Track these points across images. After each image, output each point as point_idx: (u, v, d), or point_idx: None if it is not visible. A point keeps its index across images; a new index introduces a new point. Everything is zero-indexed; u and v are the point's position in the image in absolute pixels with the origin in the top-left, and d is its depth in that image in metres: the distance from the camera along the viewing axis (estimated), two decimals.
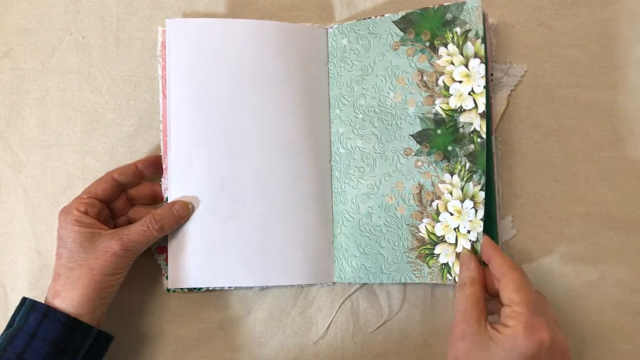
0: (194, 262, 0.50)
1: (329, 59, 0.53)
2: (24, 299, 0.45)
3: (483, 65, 0.47)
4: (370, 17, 0.51)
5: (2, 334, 0.44)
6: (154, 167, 0.51)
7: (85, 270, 0.44)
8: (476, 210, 0.47)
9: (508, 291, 0.42)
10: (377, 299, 0.52)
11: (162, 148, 0.51)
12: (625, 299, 0.51)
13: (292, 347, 0.52)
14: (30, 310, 0.44)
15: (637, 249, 0.51)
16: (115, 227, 0.49)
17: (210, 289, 0.51)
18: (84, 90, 0.54)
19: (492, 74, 0.52)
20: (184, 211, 0.49)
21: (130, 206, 0.51)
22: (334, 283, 0.52)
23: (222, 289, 0.52)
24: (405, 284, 0.52)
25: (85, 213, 0.46)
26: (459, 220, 0.48)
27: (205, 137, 0.50)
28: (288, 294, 0.52)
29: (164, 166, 0.51)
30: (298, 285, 0.52)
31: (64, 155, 0.53)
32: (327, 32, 0.53)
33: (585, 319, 0.51)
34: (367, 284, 0.52)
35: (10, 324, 0.45)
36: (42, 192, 0.53)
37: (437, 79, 0.49)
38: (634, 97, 0.52)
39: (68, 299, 0.44)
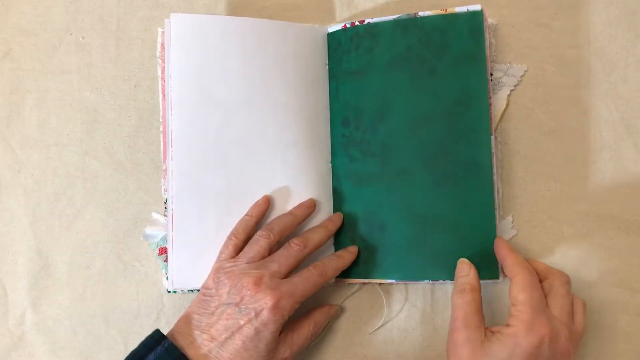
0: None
1: (328, 59, 0.53)
2: (163, 338, 0.43)
3: None
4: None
5: None
6: None
7: None
8: None
9: (514, 291, 0.44)
10: (377, 299, 0.52)
11: (162, 149, 0.51)
12: (625, 299, 0.51)
13: None
14: None
15: (637, 249, 0.51)
16: None
17: None
18: (84, 90, 0.54)
19: (491, 74, 0.52)
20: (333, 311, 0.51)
21: None
22: (334, 283, 0.52)
23: None
24: (405, 283, 0.52)
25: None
26: None
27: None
28: None
29: (164, 167, 0.51)
30: None
31: (64, 155, 0.53)
32: (327, 32, 0.53)
33: (586, 318, 0.51)
34: (368, 283, 0.52)
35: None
36: (42, 192, 0.53)
37: None
38: (634, 98, 0.52)
39: None
